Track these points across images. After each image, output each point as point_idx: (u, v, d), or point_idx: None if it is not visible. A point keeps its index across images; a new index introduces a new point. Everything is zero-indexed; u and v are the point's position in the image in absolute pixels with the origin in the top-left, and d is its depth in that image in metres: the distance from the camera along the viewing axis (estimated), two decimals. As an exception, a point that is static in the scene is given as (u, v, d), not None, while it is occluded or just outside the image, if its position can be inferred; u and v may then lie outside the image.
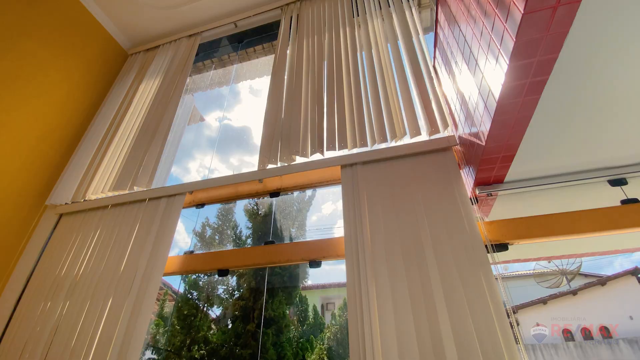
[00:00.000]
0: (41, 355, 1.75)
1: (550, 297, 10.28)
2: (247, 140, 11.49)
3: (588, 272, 11.61)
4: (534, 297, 10.99)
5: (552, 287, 10.97)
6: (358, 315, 1.35)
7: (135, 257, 1.87)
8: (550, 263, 11.57)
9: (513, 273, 14.47)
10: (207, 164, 10.34)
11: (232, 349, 2.13)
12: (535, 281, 11.22)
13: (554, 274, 10.89)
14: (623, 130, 1.23)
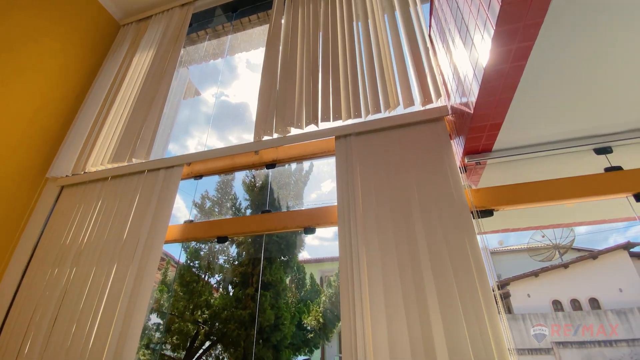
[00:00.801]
0: (51, 317, 1.86)
1: (542, 270, 10.60)
2: (245, 118, 11.38)
3: (581, 247, 11.91)
4: (527, 270, 11.33)
5: (544, 261, 11.28)
6: (349, 278, 1.44)
7: (137, 226, 1.95)
8: (544, 237, 11.83)
9: (507, 247, 14.83)
10: (205, 142, 10.29)
11: (233, 312, 2.27)
12: (528, 255, 11.53)
13: (547, 248, 11.17)
14: (609, 98, 1.26)
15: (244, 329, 2.24)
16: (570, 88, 1.21)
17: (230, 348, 2.31)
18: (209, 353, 2.49)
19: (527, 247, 11.80)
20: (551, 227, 2.28)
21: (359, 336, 1.28)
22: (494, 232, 2.26)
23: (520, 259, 12.80)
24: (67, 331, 1.77)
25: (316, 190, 13.92)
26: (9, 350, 1.86)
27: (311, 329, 2.49)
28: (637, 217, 1.52)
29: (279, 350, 2.25)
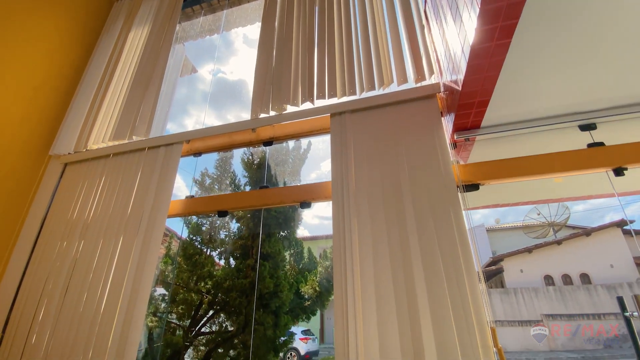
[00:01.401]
0: (63, 286, 1.99)
1: (536, 246, 10.87)
2: (242, 96, 11.24)
3: (576, 225, 12.15)
4: (522, 247, 11.61)
5: (538, 238, 11.54)
6: (341, 248, 1.53)
7: (140, 201, 2.03)
8: (539, 215, 12.03)
9: (504, 225, 15.13)
10: (203, 121, 10.27)
11: (234, 282, 2.42)
12: (523, 232, 11.79)
13: (541, 226, 11.38)
14: (592, 76, 1.30)
15: (245, 297, 2.39)
16: (555, 66, 1.25)
17: (232, 315, 2.48)
18: (213, 321, 2.66)
19: (522, 225, 12.04)
20: (540, 203, 2.37)
21: (350, 298, 1.39)
22: (482, 208, 2.35)
23: (515, 237, 13.09)
24: (79, 298, 1.90)
25: (316, 170, 13.99)
26: (24, 317, 1.99)
27: (308, 297, 2.66)
28: (616, 193, 1.59)
29: (278, 316, 2.42)
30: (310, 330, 6.70)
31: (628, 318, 1.34)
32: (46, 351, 1.83)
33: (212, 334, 2.60)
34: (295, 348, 6.54)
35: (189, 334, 2.56)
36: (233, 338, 2.46)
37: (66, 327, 1.84)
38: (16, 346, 1.91)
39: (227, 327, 2.70)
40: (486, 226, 15.40)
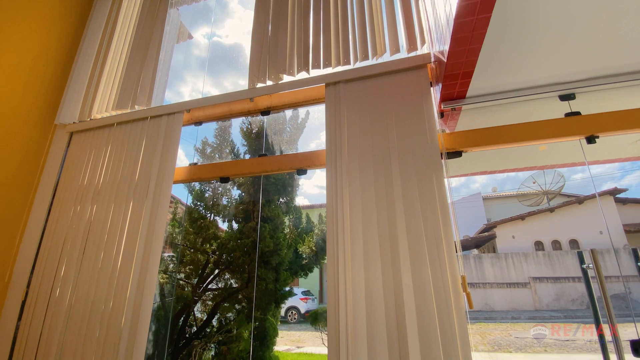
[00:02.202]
0: (80, 246, 2.17)
1: (529, 213, 11.20)
2: (239, 62, 10.96)
3: (570, 193, 12.41)
4: (515, 214, 11.94)
5: (532, 205, 11.84)
6: (334, 211, 1.68)
7: (147, 168, 2.16)
8: (535, 184, 12.25)
9: (500, 194, 15.41)
10: (199, 88, 10.13)
11: (238, 242, 2.62)
12: (518, 200, 12.07)
13: (536, 194, 11.62)
14: (572, 48, 1.36)
15: (247, 256, 2.61)
16: (535, 39, 1.32)
17: (236, 273, 2.72)
18: (219, 278, 2.91)
19: (517, 194, 12.29)
20: (525, 170, 2.49)
21: (340, 252, 1.56)
22: (464, 175, 2.48)
23: (511, 205, 13.39)
24: (97, 257, 2.09)
25: (315, 140, 14.04)
26: (46, 273, 2.20)
27: (306, 256, 2.89)
28: (586, 162, 1.71)
29: (278, 272, 2.65)
30: (309, 291, 7.16)
31: (584, 270, 1.52)
32: (70, 302, 2.05)
33: (218, 290, 2.86)
34: (295, 307, 7.02)
35: (197, 290, 2.81)
36: (237, 293, 2.71)
37: (87, 281, 2.04)
38: (41, 298, 2.13)
39: (232, 284, 2.95)
40: (483, 195, 15.71)
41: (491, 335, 6.58)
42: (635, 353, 1.35)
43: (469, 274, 10.98)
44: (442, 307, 1.35)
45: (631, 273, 10.22)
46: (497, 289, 10.05)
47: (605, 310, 1.43)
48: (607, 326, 1.44)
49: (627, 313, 8.91)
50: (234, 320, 2.58)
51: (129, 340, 1.80)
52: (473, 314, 9.86)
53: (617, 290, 10.36)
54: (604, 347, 1.51)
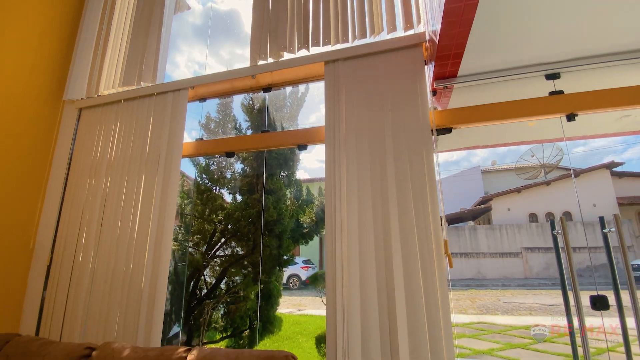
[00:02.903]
0: (99, 215, 2.34)
1: (525, 187, 11.41)
2: (236, 28, 10.63)
3: (568, 166, 12.55)
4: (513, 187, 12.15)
5: (529, 179, 12.02)
6: (332, 181, 1.83)
7: (156, 142, 2.29)
8: (533, 157, 12.34)
9: (499, 167, 15.54)
10: (195, 58, 9.87)
11: (243, 213, 2.81)
12: (515, 174, 12.23)
13: (534, 168, 11.74)
14: (557, 30, 1.45)
15: (252, 225, 2.81)
16: (522, 21, 1.40)
17: (242, 241, 2.93)
18: (225, 246, 3.13)
19: (515, 167, 12.42)
20: (515, 144, 2.59)
21: (337, 225, 1.73)
22: (454, 150, 2.61)
23: (510, 178, 13.56)
24: (114, 225, 2.27)
25: (315, 112, 13.92)
26: (68, 241, 2.39)
27: (306, 226, 3.10)
28: (564, 137, 1.83)
29: (281, 239, 2.87)
30: (310, 260, 7.52)
31: (554, 235, 1.69)
32: (93, 266, 2.26)
33: (225, 256, 3.09)
34: (297, 275, 7.42)
35: (205, 256, 3.04)
36: (243, 259, 2.94)
37: (107, 247, 2.24)
38: (65, 263, 2.34)
39: (238, 251, 3.18)
40: (482, 168, 15.86)
41: (481, 300, 7.01)
42: (594, 307, 1.56)
43: (464, 244, 11.39)
44: (426, 266, 1.54)
45: (619, 244, 10.47)
46: (490, 259, 10.48)
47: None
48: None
49: (623, 281, 9.29)
50: (241, 282, 2.83)
51: (149, 298, 2.03)
52: (466, 281, 10.36)
53: (606, 260, 10.70)
54: (568, 308, 1.72)
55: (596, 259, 10.74)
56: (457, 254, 11.13)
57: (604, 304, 1.56)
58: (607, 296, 1.61)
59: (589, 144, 14.58)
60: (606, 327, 1.61)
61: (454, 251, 11.32)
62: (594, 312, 1.66)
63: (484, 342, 3.74)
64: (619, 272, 2.19)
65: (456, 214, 14.30)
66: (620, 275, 4.76)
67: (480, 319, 5.07)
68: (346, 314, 1.60)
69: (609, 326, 2.40)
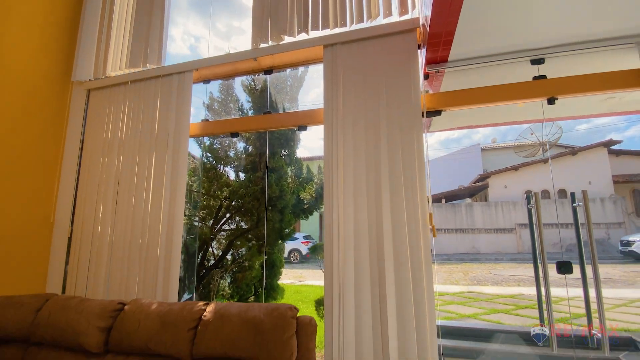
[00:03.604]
0: (114, 191, 2.52)
1: (523, 164, 11.56)
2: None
3: (567, 144, 12.63)
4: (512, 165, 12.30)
5: (528, 157, 12.13)
6: (330, 160, 1.99)
7: (164, 123, 2.42)
8: (532, 135, 12.38)
9: (499, 145, 15.60)
10: (191, 30, 9.61)
11: (247, 189, 3.00)
12: (514, 151, 12.33)
13: (532, 145, 11.82)
14: (541, 18, 1.55)
15: (256, 200, 2.99)
16: (509, 10, 1.50)
17: (246, 216, 3.13)
18: (231, 221, 3.33)
19: (514, 145, 12.50)
20: (505, 124, 2.70)
21: (335, 199, 1.91)
22: (446, 130, 2.74)
23: (509, 155, 13.64)
24: (129, 200, 2.45)
25: (315, 89, 13.85)
26: (87, 215, 2.58)
27: (306, 202, 3.29)
28: (543, 119, 1.97)
29: (283, 214, 3.07)
30: (310, 235, 7.82)
31: (529, 209, 1.87)
32: (111, 238, 2.47)
33: (231, 230, 3.31)
34: (298, 249, 7.74)
35: (212, 230, 3.25)
36: (248, 232, 3.16)
37: (123, 220, 2.43)
38: (85, 235, 2.55)
39: (242, 225, 3.38)
40: (482, 146, 15.91)
41: (473, 273, 7.36)
42: (559, 271, 1.76)
43: (460, 220, 11.68)
44: (413, 236, 1.73)
45: (613, 220, 10.83)
46: (484, 234, 10.81)
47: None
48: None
49: (610, 256, 9.70)
50: (246, 253, 3.07)
51: (165, 266, 2.24)
52: (460, 255, 10.76)
53: (597, 236, 11.09)
54: (537, 278, 1.93)
55: (586, 235, 11.00)
56: (452, 229, 11.46)
57: (567, 269, 1.77)
58: (571, 262, 1.82)
59: (592, 122, 14.55)
60: (578, 294, 1.82)
61: (450, 227, 11.65)
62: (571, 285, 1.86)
63: (471, 308, 4.04)
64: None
65: (454, 191, 14.54)
66: (611, 251, 5.05)
67: (470, 289, 5.39)
68: (342, 278, 1.82)
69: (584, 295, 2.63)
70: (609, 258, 10.01)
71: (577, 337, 2.23)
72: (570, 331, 2.46)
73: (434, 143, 23.22)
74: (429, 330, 1.65)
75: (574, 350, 2.58)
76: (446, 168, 16.52)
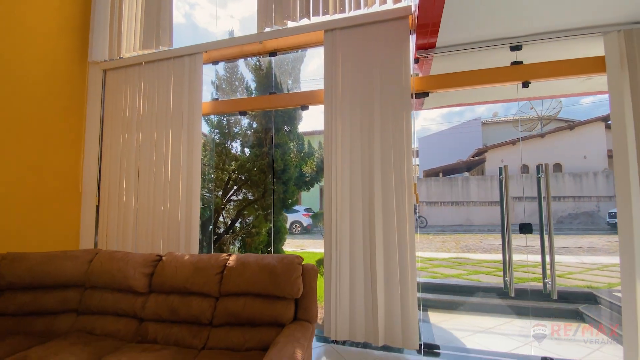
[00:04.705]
0: (135, 164, 2.80)
1: (521, 139, 11.75)
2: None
3: (567, 118, 12.71)
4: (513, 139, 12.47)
5: (526, 131, 12.27)
6: (330, 137, 2.25)
7: (179, 101, 2.66)
8: (532, 110, 12.47)
9: (500, 119, 15.66)
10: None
11: (254, 163, 3.28)
12: (512, 126, 12.46)
13: (530, 120, 11.93)
14: (520, 10, 1.75)
15: (262, 174, 3.29)
16: (490, 2, 1.70)
17: (253, 187, 3.43)
18: (239, 192, 3.64)
19: (513, 119, 12.60)
20: (484, 103, 2.91)
21: (333, 170, 2.19)
22: (434, 108, 2.97)
23: (508, 130, 13.78)
24: (150, 172, 2.74)
25: (313, 59, 13.79)
26: (112, 185, 2.88)
27: (308, 175, 3.59)
28: (517, 99, 2.20)
29: (287, 185, 3.37)
30: (310, 208, 8.20)
31: (500, 180, 2.15)
32: (135, 205, 2.78)
33: (239, 200, 3.63)
34: (299, 221, 8.16)
35: (222, 200, 3.57)
36: (255, 202, 3.48)
37: (145, 190, 2.74)
38: (112, 203, 2.86)
39: (248, 197, 3.70)
40: (483, 120, 15.96)
41: (465, 243, 7.81)
42: (521, 231, 2.08)
43: (456, 194, 12.05)
44: (400, 202, 2.04)
45: (604, 193, 11.16)
46: (479, 207, 11.23)
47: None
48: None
49: (599, 227, 10.15)
50: (254, 220, 3.41)
51: (185, 229, 2.57)
52: (454, 227, 11.24)
53: (588, 208, 11.46)
54: (504, 244, 2.22)
55: (579, 207, 11.46)
56: (448, 202, 11.86)
57: (528, 229, 2.09)
58: (531, 224, 2.13)
59: (597, 95, 14.53)
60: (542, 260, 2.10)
61: (446, 200, 12.04)
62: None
63: (457, 270, 4.45)
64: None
65: (452, 165, 14.81)
66: (600, 222, 5.46)
67: (459, 256, 5.82)
68: (339, 238, 2.14)
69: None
70: (597, 229, 10.48)
71: (536, 291, 2.59)
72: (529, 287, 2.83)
73: (437, 117, 22.96)
74: (410, 283, 2.00)
75: (537, 302, 2.98)
76: (447, 142, 16.67)
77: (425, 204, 12.20)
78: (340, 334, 2.10)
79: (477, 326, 2.69)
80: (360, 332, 2.09)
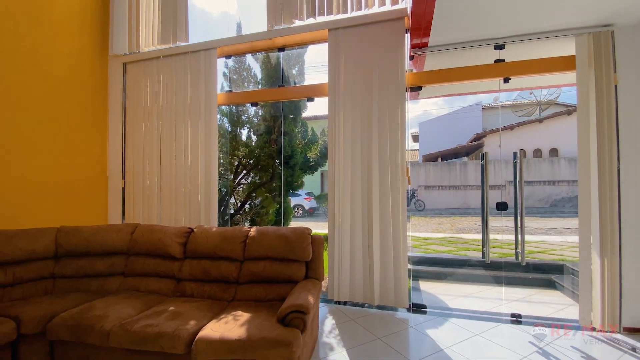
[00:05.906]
0: (157, 152, 3.10)
1: (519, 124, 11.96)
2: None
3: (567, 103, 12.86)
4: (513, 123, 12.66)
5: (525, 116, 12.44)
6: (333, 127, 2.54)
7: (196, 93, 2.93)
8: (531, 95, 12.60)
9: (500, 104, 15.74)
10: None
11: (263, 149, 3.59)
12: (511, 111, 12.62)
13: (530, 105, 12.07)
14: (502, 14, 2.00)
15: (271, 159, 3.60)
16: (477, 6, 1.95)
17: (262, 171, 3.75)
18: (248, 176, 3.96)
19: (512, 104, 12.75)
20: (459, 95, 3.15)
21: (336, 156, 2.50)
22: (428, 98, 3.24)
23: (508, 115, 13.94)
24: (171, 158, 3.05)
25: (316, 46, 13.76)
26: (135, 170, 3.20)
27: (312, 160, 3.90)
28: (499, 89, 2.48)
29: (293, 169, 3.69)
30: (312, 192, 8.55)
31: (482, 165, 2.46)
32: (159, 187, 3.11)
33: (248, 184, 3.95)
34: (301, 205, 8.52)
35: (232, 183, 3.89)
36: (263, 186, 3.80)
37: (167, 174, 3.05)
38: (137, 186, 3.18)
39: (256, 180, 4.02)
40: (484, 104, 16.07)
41: (460, 224, 8.19)
42: (497, 209, 2.41)
43: (454, 178, 12.37)
44: (394, 185, 2.36)
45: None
46: (476, 190, 11.57)
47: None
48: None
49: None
50: (263, 201, 3.74)
51: (205, 208, 2.91)
52: (451, 210, 11.63)
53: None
54: (483, 224, 2.53)
55: (573, 191, 11.77)
56: (446, 186, 12.21)
57: (503, 207, 2.42)
58: (507, 202, 2.45)
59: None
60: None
61: (444, 184, 12.37)
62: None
63: (448, 247, 4.83)
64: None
65: (452, 149, 15.05)
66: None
67: (452, 236, 6.19)
68: (341, 216, 2.48)
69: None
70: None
71: (515, 263, 2.94)
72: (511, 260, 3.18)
73: (438, 100, 22.72)
74: (402, 252, 2.35)
75: (517, 272, 3.35)
76: (447, 126, 16.82)
77: (424, 187, 12.53)
78: (342, 295, 2.47)
79: (461, 292, 3.06)
80: (359, 294, 2.46)
